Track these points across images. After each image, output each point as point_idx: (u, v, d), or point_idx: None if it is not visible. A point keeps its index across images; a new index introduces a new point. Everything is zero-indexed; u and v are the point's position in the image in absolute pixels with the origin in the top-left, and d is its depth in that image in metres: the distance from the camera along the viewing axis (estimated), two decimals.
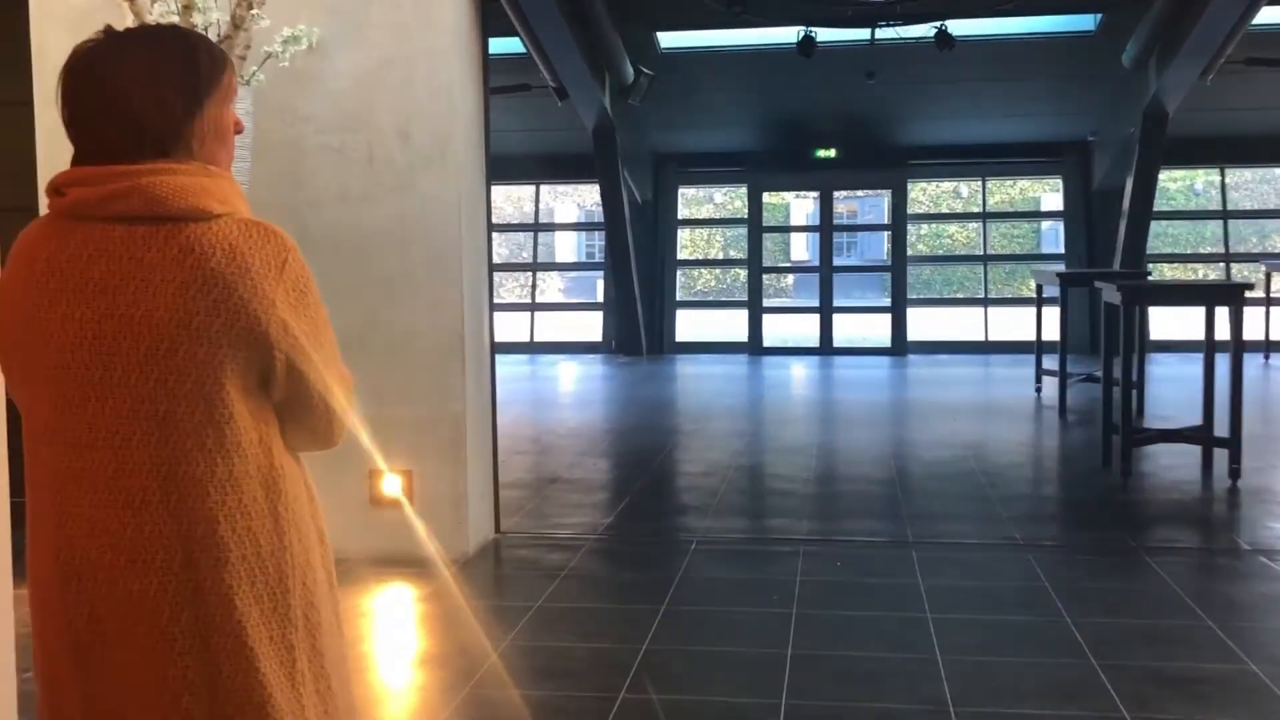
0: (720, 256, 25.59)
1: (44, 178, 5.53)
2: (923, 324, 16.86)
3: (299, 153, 5.40)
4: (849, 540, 5.79)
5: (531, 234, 18.26)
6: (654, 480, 7.42)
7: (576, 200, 24.48)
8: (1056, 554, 5.57)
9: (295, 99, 5.33)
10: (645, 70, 13.15)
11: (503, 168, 17.24)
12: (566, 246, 31.94)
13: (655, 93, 13.39)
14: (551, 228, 20.86)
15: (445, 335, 5.34)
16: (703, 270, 27.03)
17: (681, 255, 18.22)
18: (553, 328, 17.78)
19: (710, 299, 23.83)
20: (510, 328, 17.44)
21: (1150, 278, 12.30)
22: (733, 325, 16.84)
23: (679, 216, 17.29)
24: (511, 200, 21.33)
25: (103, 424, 1.52)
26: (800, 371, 14.82)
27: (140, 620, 1.52)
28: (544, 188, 25.71)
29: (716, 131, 15.62)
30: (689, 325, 17.06)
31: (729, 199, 23.44)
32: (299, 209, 5.31)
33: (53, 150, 5.46)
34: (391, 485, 5.32)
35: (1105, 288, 7.66)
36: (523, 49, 12.03)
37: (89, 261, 1.51)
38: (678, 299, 17.07)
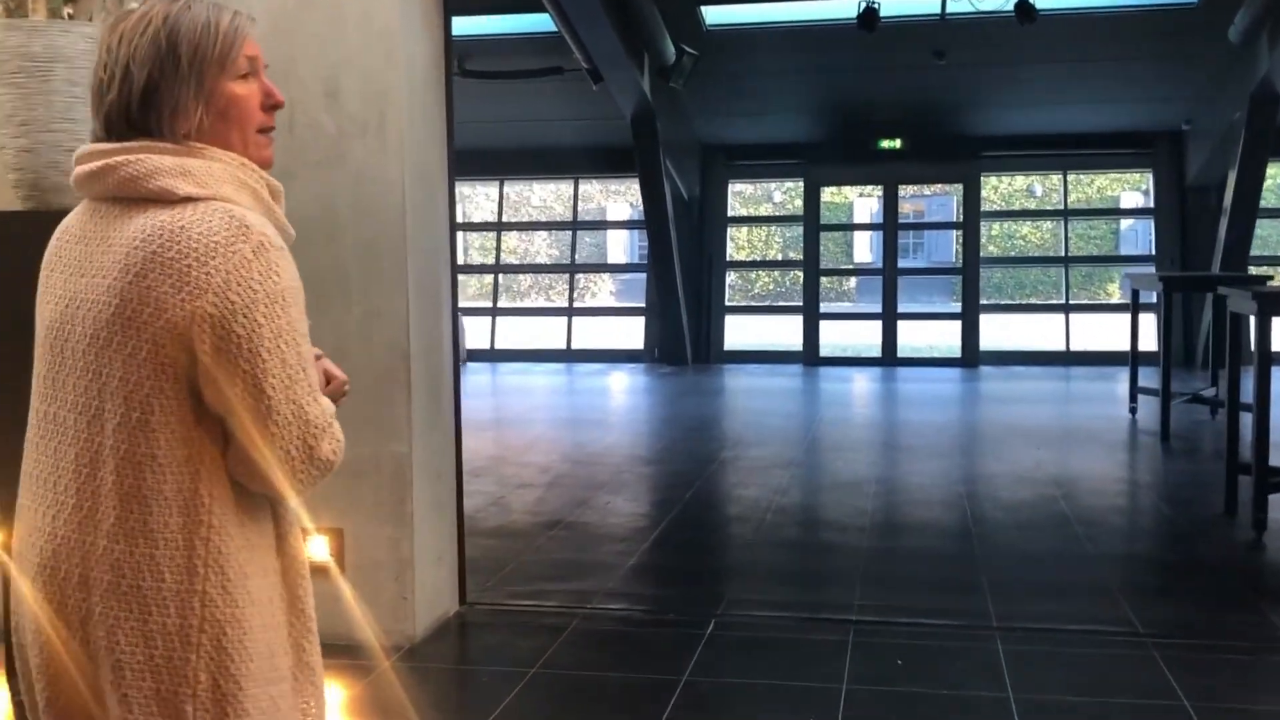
0: (778, 257, 24.25)
1: None
2: (996, 332, 15.39)
3: None
4: (913, 624, 4.46)
5: (570, 232, 16.99)
6: (675, 526, 6.13)
7: (630, 199, 23.29)
8: (1190, 650, 4.19)
9: None
10: (688, 49, 11.85)
11: (539, 161, 16.44)
12: (618, 246, 30.78)
13: (700, 75, 12.08)
14: (588, 225, 19.59)
15: (384, 353, 4.10)
16: (758, 272, 25.71)
17: (731, 256, 16.92)
18: (595, 334, 16.58)
19: (763, 304, 22.46)
20: (548, 334, 16.28)
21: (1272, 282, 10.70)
22: (786, 332, 15.50)
23: (728, 214, 15.96)
24: (563, 199, 20.17)
25: (50, 415, 1.50)
26: (860, 385, 13.43)
27: (40, 632, 1.47)
28: (595, 184, 24.62)
29: (769, 119, 14.28)
30: (738, 332, 15.75)
31: (789, 196, 22.06)
32: None
33: None
34: (315, 547, 4.08)
35: (1233, 295, 6.24)
36: (553, 27, 10.86)
37: (74, 240, 1.52)
38: (726, 304, 15.76)
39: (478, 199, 23.75)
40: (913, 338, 15.61)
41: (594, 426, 9.99)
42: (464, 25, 11.60)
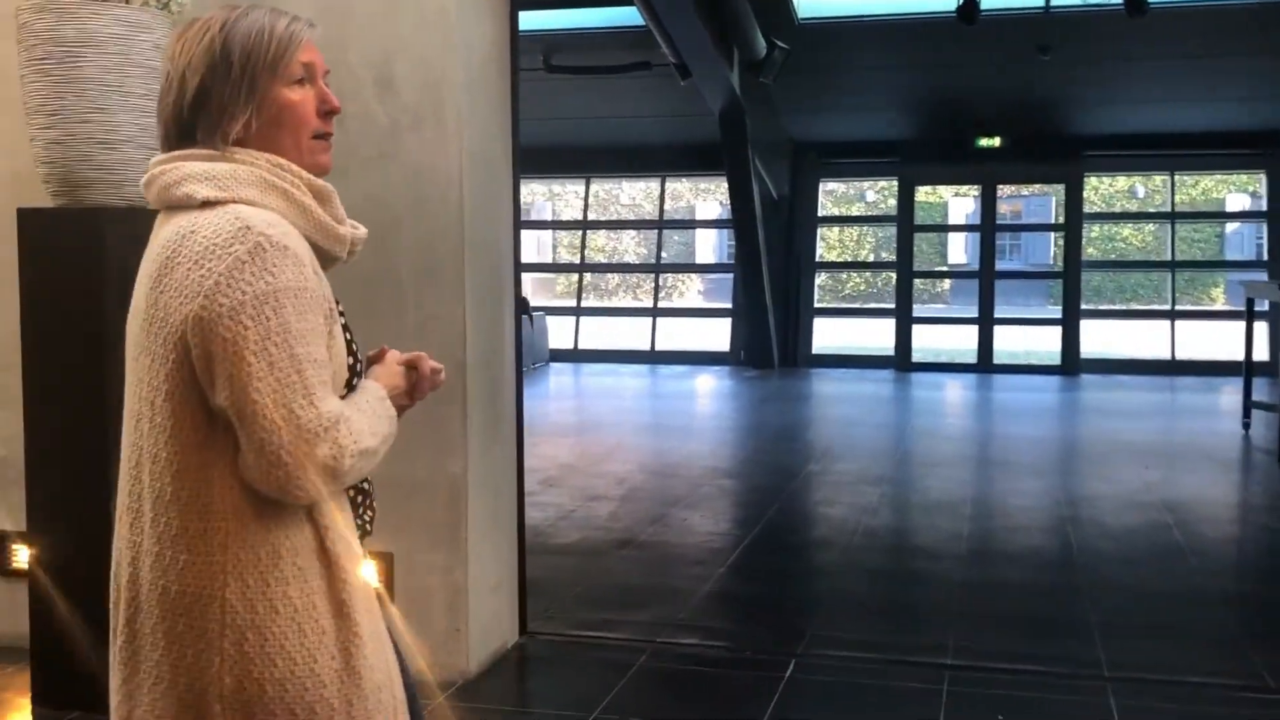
0: (870, 258, 23.63)
1: None
2: (1097, 338, 14.68)
3: None
4: (1013, 670, 4.02)
5: (656, 232, 16.65)
6: (754, 549, 5.74)
7: (720, 198, 22.89)
8: None
9: None
10: (780, 44, 11.43)
11: (626, 158, 16.13)
12: (707, 246, 30.35)
13: (791, 70, 11.66)
14: (674, 225, 19.24)
15: (444, 363, 3.76)
16: (849, 274, 25.11)
17: (821, 256, 16.42)
18: (681, 335, 16.23)
19: (853, 306, 21.87)
20: (633, 334, 15.97)
21: None
22: (878, 336, 14.98)
23: (819, 213, 15.48)
24: (651, 197, 19.86)
25: (123, 423, 1.54)
26: (953, 393, 12.87)
27: (112, 628, 1.54)
28: (685, 182, 24.25)
29: (862, 116, 13.78)
30: (827, 335, 15.27)
31: (883, 196, 21.46)
32: None
33: None
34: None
35: None
36: (640, 20, 10.53)
37: (144, 253, 1.54)
38: (815, 305, 15.28)
39: (568, 197, 23.57)
40: (1009, 343, 14.96)
41: (674, 433, 9.63)
42: (550, 19, 11.34)
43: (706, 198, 25.85)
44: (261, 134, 1.51)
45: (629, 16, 10.90)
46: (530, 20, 11.81)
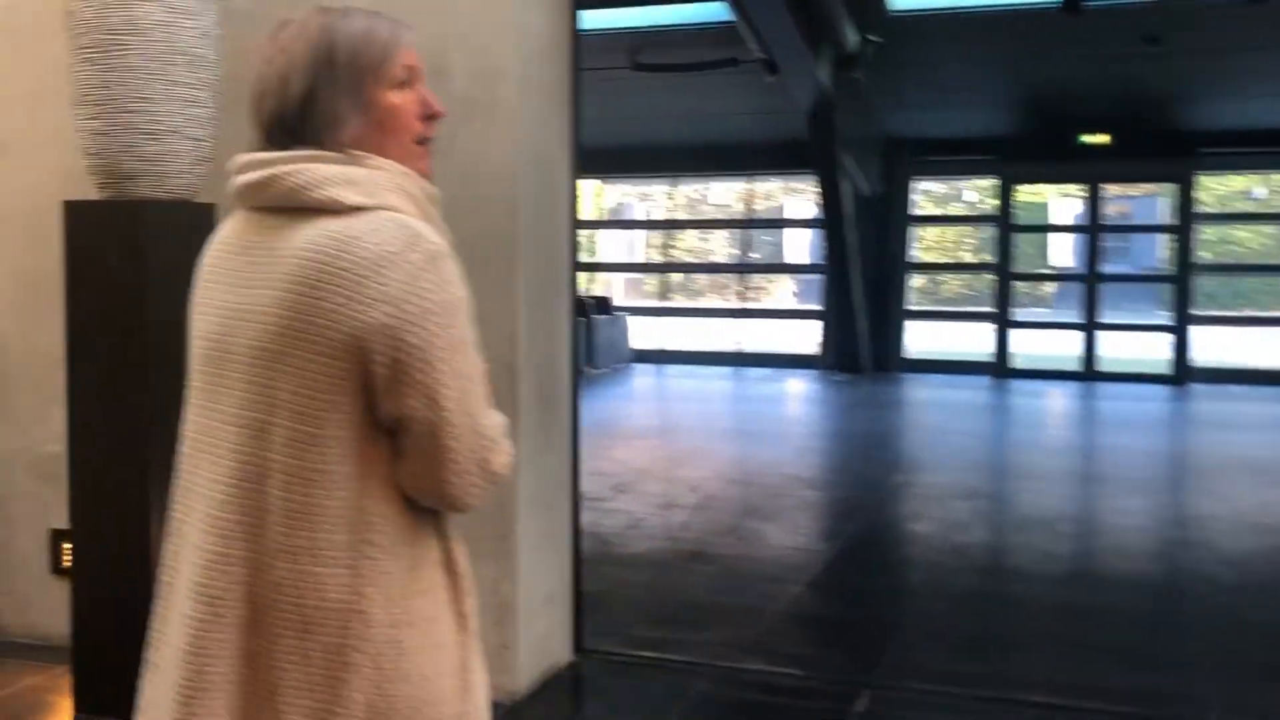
0: (969, 259, 22.98)
1: None
2: (1210, 346, 13.98)
3: None
4: (1114, 711, 3.66)
5: (740, 231, 16.34)
6: (833, 566, 5.44)
7: (812, 197, 22.47)
8: None
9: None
10: (871, 37, 11.05)
11: (713, 157, 15.86)
12: (799, 246, 29.88)
13: (884, 64, 11.28)
14: (761, 224, 18.89)
15: (489, 365, 3.56)
16: (946, 275, 24.45)
17: (916, 257, 15.96)
18: (768, 337, 15.91)
19: (949, 309, 21.25)
20: (719, 336, 15.71)
21: None
22: (975, 340, 14.47)
23: (913, 212, 15.01)
24: (744, 197, 19.53)
25: (211, 428, 1.46)
26: (1054, 401, 12.34)
27: (186, 644, 1.42)
28: (776, 181, 23.86)
29: (959, 112, 13.30)
30: (921, 339, 14.80)
31: (983, 196, 20.83)
32: None
33: None
34: None
35: None
36: (728, 16, 10.28)
37: (237, 250, 1.48)
38: (908, 308, 14.82)
39: (660, 197, 23.36)
40: (1115, 350, 14.32)
41: (755, 439, 9.33)
42: (636, 16, 11.17)
43: (798, 197, 25.43)
44: (367, 139, 1.47)
45: (716, 12, 10.66)
46: (616, 18, 11.69)
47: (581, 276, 16.32)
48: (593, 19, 11.52)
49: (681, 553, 5.53)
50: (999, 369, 13.81)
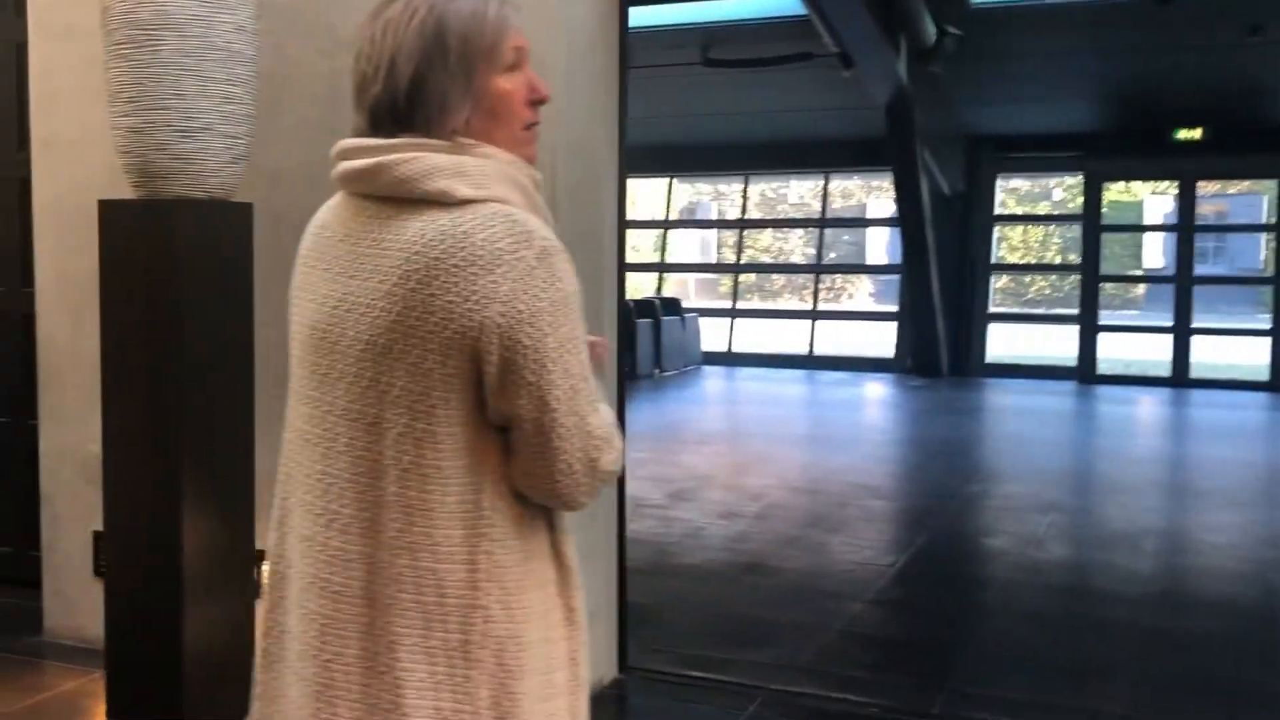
0: (1055, 260, 22.38)
1: (38, 130, 4.11)
2: None
3: (337, 94, 3.64)
4: None
5: (817, 231, 16.05)
6: (898, 581, 5.19)
7: (893, 195, 22.06)
8: None
9: (331, 14, 3.68)
10: (951, 29, 10.72)
11: (787, 154, 15.60)
12: (879, 246, 29.40)
13: (964, 57, 10.92)
14: (836, 223, 18.53)
15: None
16: (1031, 276, 23.85)
17: (1000, 257, 15.51)
18: (844, 339, 15.61)
19: (1033, 312, 20.69)
20: (792, 338, 15.44)
21: None
22: (1059, 344, 14.01)
23: (996, 211, 14.59)
24: (829, 195, 19.21)
25: (318, 419, 1.44)
26: (1143, 409, 11.87)
27: (314, 640, 1.41)
28: (856, 179, 23.47)
29: (1044, 106, 12.88)
30: (1003, 343, 14.38)
31: (1070, 194, 20.23)
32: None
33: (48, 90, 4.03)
34: None
35: None
36: (801, 9, 10.04)
37: (340, 239, 1.45)
38: (989, 310, 14.40)
39: (733, 195, 23.12)
40: (1210, 356, 13.76)
41: (824, 445, 9.08)
42: (706, 11, 10.97)
43: (879, 195, 25.00)
44: (476, 126, 1.42)
45: (789, 6, 10.42)
46: (687, 12, 11.50)
47: (651, 278, 16.09)
48: (662, 14, 11.40)
49: (739, 565, 5.33)
50: (1084, 374, 13.35)
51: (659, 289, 17.26)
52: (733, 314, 15.88)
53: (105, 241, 3.42)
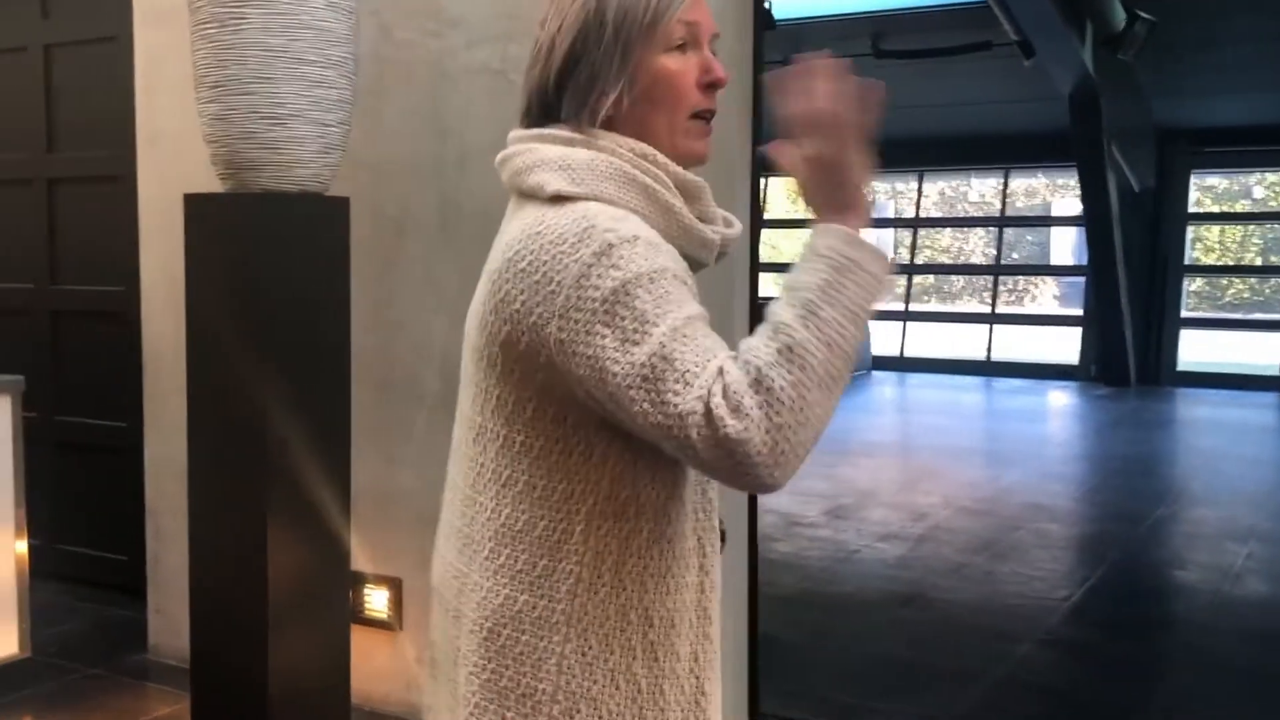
0: (1256, 261, 20.76)
1: (143, 124, 3.98)
2: None
3: (442, 79, 3.40)
4: None
5: (996, 230, 15.24)
6: (1071, 620, 4.62)
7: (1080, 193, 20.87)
8: None
9: None
10: (1142, 14, 9.87)
11: (964, 150, 14.81)
12: (1065, 246, 27.99)
13: (1157, 44, 10.06)
14: (1017, 222, 17.53)
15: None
16: (1230, 279, 22.20)
17: (1195, 259, 14.40)
18: (1024, 344, 14.75)
19: (1232, 317, 19.20)
20: (969, 343, 14.68)
21: None
22: (1260, 351, 12.88)
23: (1189, 209, 13.51)
24: (1015, 192, 18.32)
25: (456, 424, 1.37)
26: None
27: (443, 656, 1.35)
28: (1042, 177, 22.30)
29: (1243, 96, 11.86)
30: (1197, 349, 13.28)
31: (1274, 191, 18.71)
32: (442, 168, 3.34)
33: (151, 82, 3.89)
34: None
35: None
36: None
37: (497, 236, 1.34)
38: (1182, 315, 13.34)
39: (912, 194, 22.31)
40: None
41: (997, 460, 8.43)
42: None
43: (1066, 193, 23.74)
44: (633, 111, 1.27)
45: None
46: (857, 0, 10.98)
47: None
48: (832, 3, 10.91)
49: (895, 596, 4.84)
50: None
51: None
52: (905, 316, 15.20)
53: (191, 239, 3.21)
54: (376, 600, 3.59)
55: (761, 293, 3.51)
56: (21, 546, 3.63)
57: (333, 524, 3.25)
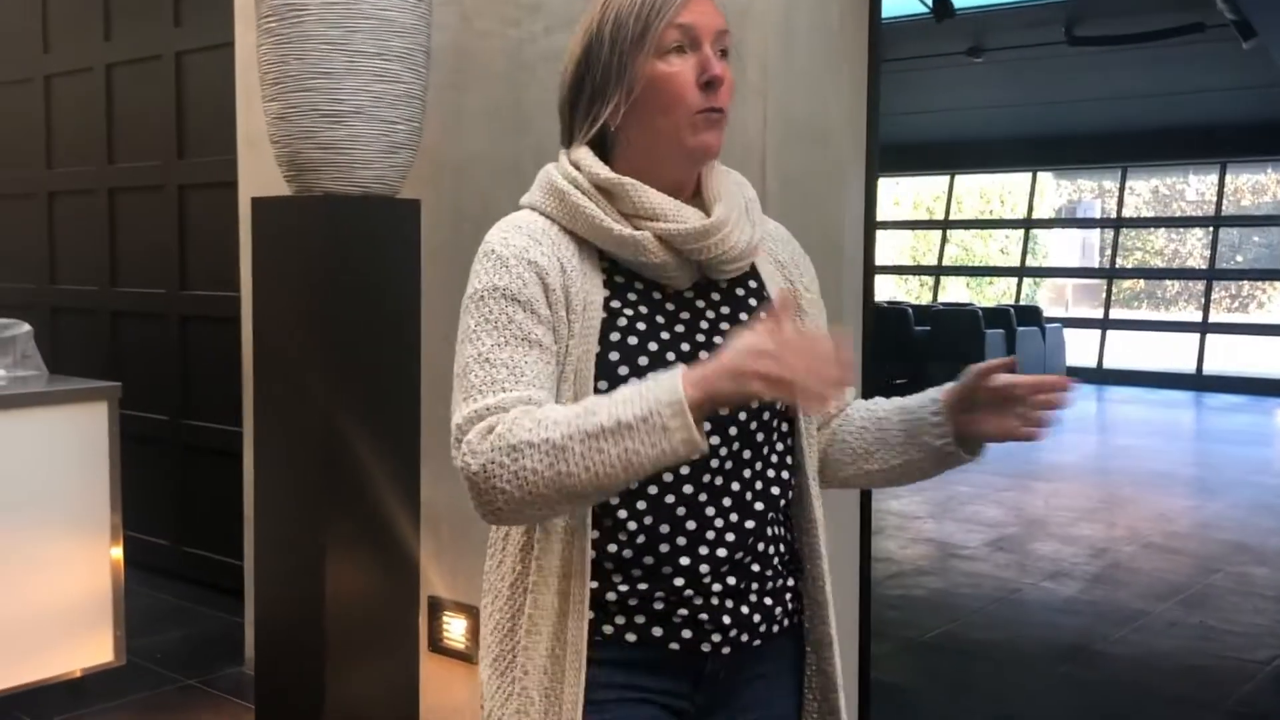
0: None
1: (243, 127, 3.85)
2: None
3: (519, 69, 3.11)
4: None
5: (1210, 229, 14.00)
6: (1272, 684, 3.96)
7: None
8: None
9: None
10: None
11: (1174, 143, 13.62)
12: None
13: None
14: (1235, 221, 16.10)
15: None
16: None
17: None
18: (1244, 358, 13.51)
19: None
20: (1177, 354, 13.53)
21: None
22: None
23: None
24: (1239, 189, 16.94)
25: None
26: None
27: None
28: (1272, 172, 20.51)
29: None
30: None
31: None
32: (520, 162, 3.04)
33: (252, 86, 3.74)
34: None
35: None
36: None
37: None
38: None
39: (1125, 193, 20.91)
40: None
41: (1198, 488, 7.58)
42: None
43: None
44: (635, 118, 1.33)
45: None
46: None
47: (1010, 283, 14.52)
48: None
49: (1055, 647, 4.27)
50: None
51: (1017, 296, 15.73)
52: (1104, 324, 14.14)
53: (257, 244, 3.04)
54: (455, 629, 3.34)
55: (877, 296, 3.08)
56: (117, 553, 3.56)
57: (402, 545, 3.02)
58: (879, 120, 2.93)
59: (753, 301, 1.37)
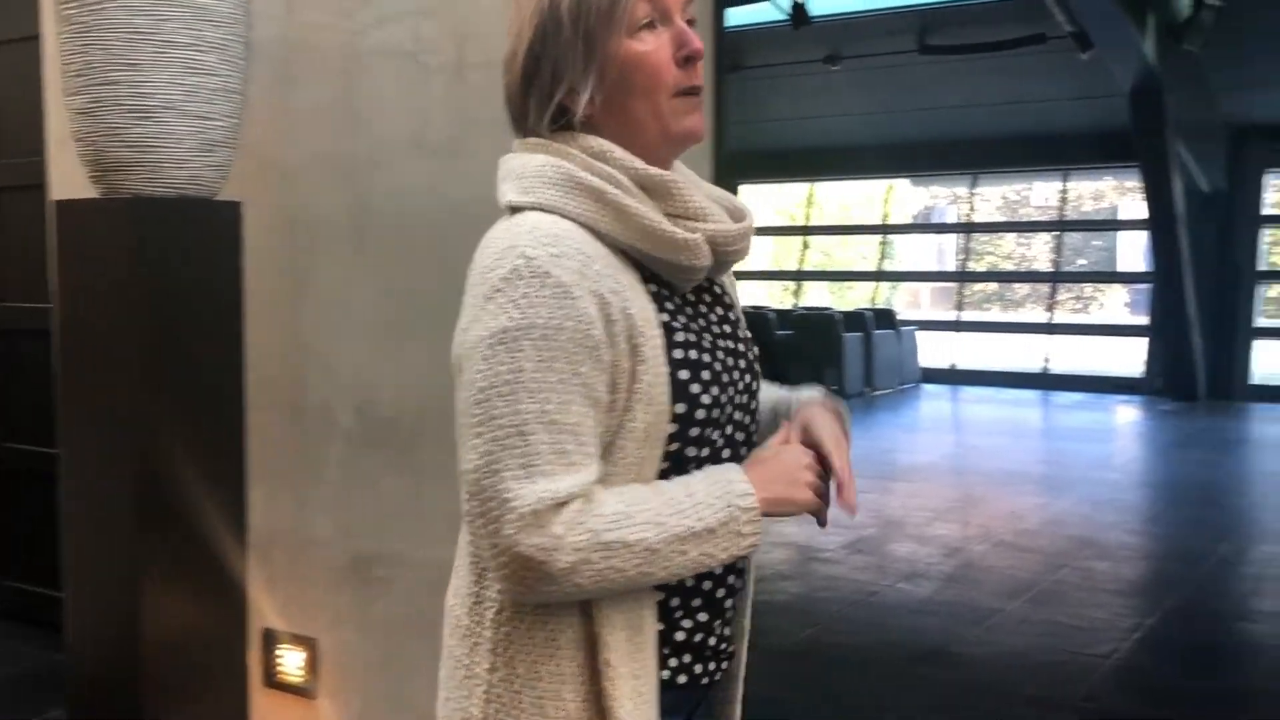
0: None
1: (52, 125, 3.58)
2: None
3: (351, 63, 2.94)
4: None
5: (1055, 234, 14.54)
6: (1116, 677, 4.04)
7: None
8: None
9: None
10: (1209, 1, 9.15)
11: (1019, 151, 14.08)
12: (1135, 251, 27.01)
13: (1225, 32, 9.35)
14: (1078, 226, 16.76)
15: None
16: None
17: (1268, 265, 13.60)
18: (1085, 356, 14.03)
19: None
20: (1025, 354, 13.97)
21: None
22: None
23: (1262, 211, 12.70)
24: (1070, 196, 17.55)
25: None
26: None
27: None
28: (1110, 179, 21.42)
29: None
30: (1273, 361, 12.47)
31: None
32: (354, 167, 2.90)
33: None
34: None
35: None
36: None
37: None
38: (1257, 325, 12.55)
39: (975, 201, 21.57)
40: None
41: (1046, 485, 7.79)
42: None
43: (1134, 196, 22.83)
44: (609, 105, 1.19)
45: None
46: None
47: (882, 287, 14.85)
48: None
49: (912, 649, 4.29)
50: None
51: (873, 299, 16.05)
52: (957, 326, 14.53)
53: (63, 251, 2.80)
54: (290, 662, 3.13)
55: (740, 302, 3.00)
56: None
57: (228, 573, 2.81)
58: (726, 129, 2.86)
59: (727, 299, 1.31)
